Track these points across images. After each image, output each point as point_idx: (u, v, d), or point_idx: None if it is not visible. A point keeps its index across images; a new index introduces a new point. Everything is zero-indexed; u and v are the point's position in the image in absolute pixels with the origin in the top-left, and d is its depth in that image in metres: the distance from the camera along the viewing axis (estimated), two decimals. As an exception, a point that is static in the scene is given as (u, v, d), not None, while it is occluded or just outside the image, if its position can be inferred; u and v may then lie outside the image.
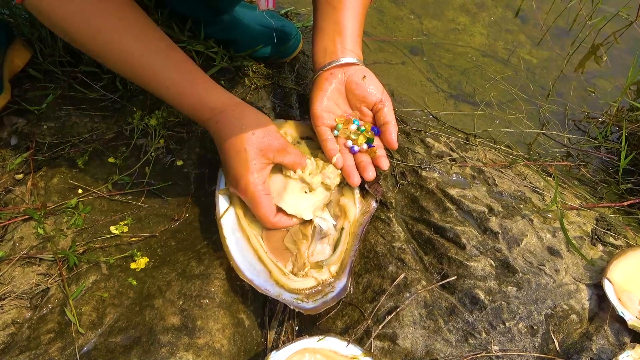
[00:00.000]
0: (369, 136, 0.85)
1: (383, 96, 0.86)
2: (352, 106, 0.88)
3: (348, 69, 0.86)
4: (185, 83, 0.79)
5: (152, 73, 0.78)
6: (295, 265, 0.79)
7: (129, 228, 0.84)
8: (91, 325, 0.73)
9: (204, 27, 1.06)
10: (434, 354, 0.74)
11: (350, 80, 0.86)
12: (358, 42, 0.88)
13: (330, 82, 0.86)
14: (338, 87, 0.86)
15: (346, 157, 0.85)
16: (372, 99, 0.86)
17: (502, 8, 1.48)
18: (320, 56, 0.87)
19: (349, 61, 0.85)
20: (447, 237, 0.85)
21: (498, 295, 0.79)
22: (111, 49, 0.75)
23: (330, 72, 0.86)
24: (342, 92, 0.87)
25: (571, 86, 1.31)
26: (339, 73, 0.86)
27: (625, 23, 1.44)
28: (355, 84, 0.85)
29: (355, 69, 0.86)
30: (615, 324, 0.77)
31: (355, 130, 0.85)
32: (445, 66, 1.33)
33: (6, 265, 0.79)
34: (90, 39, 0.74)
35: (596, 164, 1.16)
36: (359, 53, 0.88)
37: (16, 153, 0.93)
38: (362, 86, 0.85)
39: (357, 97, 0.86)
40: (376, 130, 0.86)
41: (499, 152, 1.07)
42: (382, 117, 0.85)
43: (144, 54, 0.76)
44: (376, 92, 0.85)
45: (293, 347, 0.71)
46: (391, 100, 0.87)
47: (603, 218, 0.93)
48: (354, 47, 0.87)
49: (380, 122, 0.86)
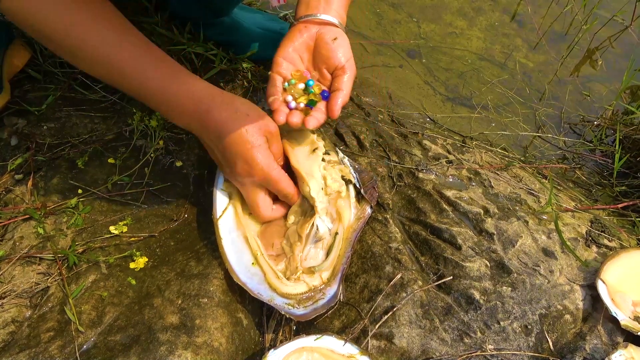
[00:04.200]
0: (314, 98, 0.82)
1: (347, 64, 0.82)
2: (315, 65, 0.84)
3: (324, 27, 0.82)
4: (168, 77, 0.76)
5: (132, 67, 0.74)
6: (288, 268, 0.80)
7: (128, 228, 0.85)
8: (91, 324, 0.73)
9: (203, 29, 1.07)
10: (430, 353, 0.75)
11: (322, 37, 0.82)
12: (344, 4, 0.85)
13: (302, 34, 0.82)
14: (308, 41, 0.83)
15: (282, 108, 0.81)
16: (335, 62, 0.82)
17: (499, 12, 1.49)
18: (302, 8, 0.84)
19: (328, 19, 0.82)
20: (443, 238, 0.86)
21: (493, 295, 0.80)
22: (86, 46, 0.72)
23: (305, 25, 0.82)
24: (311, 48, 0.84)
25: (567, 90, 1.32)
26: (314, 28, 0.82)
27: (620, 28, 1.46)
28: (324, 43, 0.82)
29: (331, 29, 0.82)
30: (608, 324, 0.78)
31: (301, 90, 0.82)
32: (443, 69, 1.34)
33: (6, 264, 0.79)
34: (64, 34, 0.70)
35: (591, 167, 1.18)
36: (343, 16, 0.85)
37: (16, 153, 0.93)
38: (329, 46, 0.81)
39: (322, 57, 0.83)
40: (326, 95, 0.82)
41: (495, 155, 1.09)
42: (337, 83, 0.81)
43: (123, 47, 0.73)
44: (342, 57, 0.81)
45: (290, 345, 0.71)
46: (355, 73, 0.83)
47: (597, 220, 0.94)
48: (339, 8, 0.84)
49: (333, 87, 0.82)
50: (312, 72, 0.85)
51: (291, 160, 0.83)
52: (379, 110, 1.12)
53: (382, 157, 0.99)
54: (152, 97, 0.76)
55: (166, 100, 0.76)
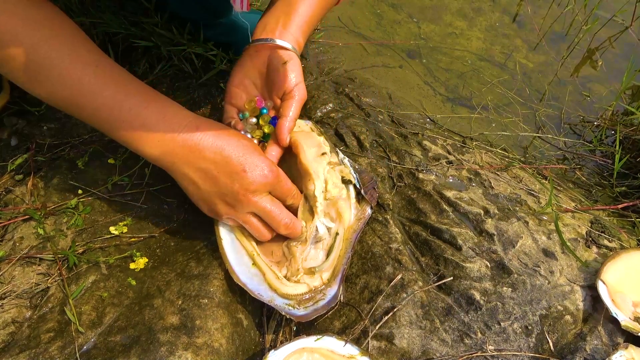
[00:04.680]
0: (266, 130, 0.82)
1: (295, 88, 0.79)
2: (267, 90, 0.83)
3: (275, 52, 0.80)
4: (150, 95, 0.71)
5: (107, 84, 0.68)
6: (289, 270, 0.80)
7: (128, 228, 0.85)
8: (91, 325, 0.73)
9: (203, 30, 1.07)
10: (430, 353, 0.75)
11: (272, 62, 0.80)
12: (304, 29, 0.83)
13: (253, 60, 0.81)
14: (259, 66, 0.81)
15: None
16: (283, 87, 0.80)
17: (499, 13, 1.49)
18: (258, 30, 0.82)
19: (282, 44, 0.80)
20: (443, 238, 0.86)
21: (493, 296, 0.80)
22: (51, 71, 0.66)
23: (256, 49, 0.81)
24: (263, 74, 0.82)
25: (567, 90, 1.33)
26: (267, 53, 0.80)
27: (620, 28, 1.46)
28: (273, 67, 0.80)
29: (284, 53, 0.80)
30: (608, 325, 0.78)
31: (252, 125, 0.82)
32: (443, 70, 1.34)
33: (6, 265, 0.79)
34: (31, 50, 0.64)
35: (591, 167, 1.18)
36: (300, 40, 0.83)
37: (16, 154, 0.93)
38: (278, 72, 0.79)
39: (272, 82, 0.81)
40: (274, 122, 0.81)
41: (495, 155, 1.09)
42: (283, 108, 0.80)
43: (99, 66, 0.68)
44: (290, 82, 0.79)
45: (291, 346, 0.71)
46: (304, 97, 0.81)
47: (597, 220, 0.94)
48: (296, 32, 0.82)
49: (280, 113, 0.80)
50: (266, 98, 0.84)
51: (301, 156, 0.82)
52: (379, 111, 1.12)
53: (382, 158, 0.99)
54: (126, 118, 0.69)
55: (144, 121, 0.69)
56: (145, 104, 0.70)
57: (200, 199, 0.76)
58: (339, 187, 0.85)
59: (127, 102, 0.69)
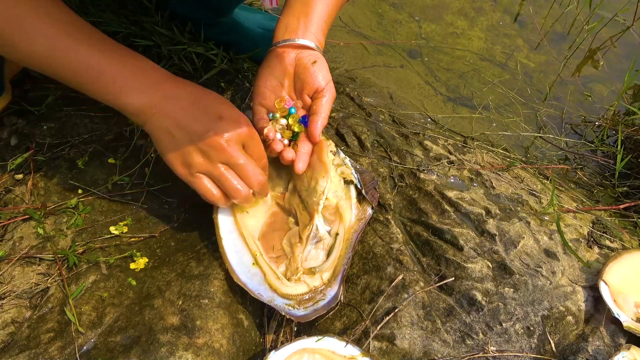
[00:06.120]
0: (296, 129, 0.82)
1: (327, 86, 0.81)
2: (296, 90, 0.84)
3: (302, 52, 0.82)
4: (126, 51, 0.72)
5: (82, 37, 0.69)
6: (289, 269, 0.80)
7: (128, 228, 0.85)
8: (91, 325, 0.73)
9: (204, 30, 1.07)
10: (432, 354, 0.75)
11: (300, 62, 0.82)
12: (323, 28, 0.85)
13: (281, 60, 0.82)
14: (287, 67, 0.82)
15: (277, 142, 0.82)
16: (314, 86, 0.82)
17: (500, 13, 1.49)
18: (280, 32, 0.84)
19: (306, 44, 0.82)
20: (444, 238, 0.85)
21: (495, 296, 0.79)
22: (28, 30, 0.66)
23: (283, 50, 0.82)
24: (290, 74, 0.83)
25: (568, 90, 1.32)
26: (292, 53, 0.82)
27: (622, 28, 1.46)
28: (303, 67, 0.82)
29: (310, 53, 0.82)
30: (610, 326, 0.78)
31: (283, 126, 0.82)
32: (444, 69, 1.34)
33: (6, 265, 0.79)
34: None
35: (593, 167, 1.17)
36: (321, 39, 0.84)
37: (16, 153, 0.93)
38: (309, 70, 0.81)
39: (302, 81, 0.82)
40: (305, 121, 0.83)
41: (497, 155, 1.08)
42: (315, 106, 0.82)
43: (75, 26, 0.69)
44: (321, 80, 0.81)
45: (292, 347, 0.71)
46: (334, 95, 0.83)
47: (599, 221, 0.94)
48: (317, 31, 0.83)
49: (312, 111, 0.82)
50: (293, 98, 0.85)
51: (323, 153, 0.83)
52: (380, 111, 1.11)
53: (383, 158, 0.99)
54: (106, 68, 0.70)
55: (126, 74, 0.70)
56: (123, 59, 0.71)
57: (173, 150, 0.74)
58: (339, 197, 0.85)
59: (107, 58, 0.70)
